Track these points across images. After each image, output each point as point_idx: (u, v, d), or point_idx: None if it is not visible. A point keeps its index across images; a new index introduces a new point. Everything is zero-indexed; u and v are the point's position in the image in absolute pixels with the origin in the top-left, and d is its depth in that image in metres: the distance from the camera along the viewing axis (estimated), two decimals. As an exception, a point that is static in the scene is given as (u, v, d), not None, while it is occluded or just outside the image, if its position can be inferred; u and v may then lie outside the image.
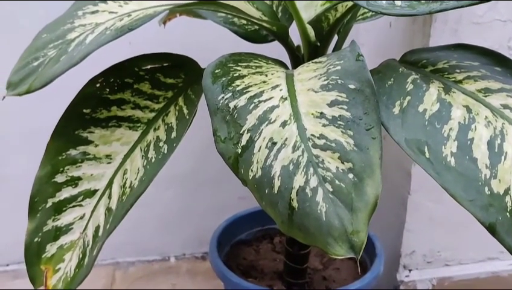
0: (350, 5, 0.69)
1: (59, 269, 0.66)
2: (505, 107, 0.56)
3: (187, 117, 0.67)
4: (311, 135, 0.51)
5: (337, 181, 0.48)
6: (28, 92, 0.64)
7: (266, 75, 0.60)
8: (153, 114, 0.70)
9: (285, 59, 0.73)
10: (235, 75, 0.59)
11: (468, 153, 0.53)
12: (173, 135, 0.66)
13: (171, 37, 0.92)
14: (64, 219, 0.67)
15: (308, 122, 0.52)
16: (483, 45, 0.66)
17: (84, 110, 0.69)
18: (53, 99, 0.81)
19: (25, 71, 0.66)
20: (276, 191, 0.49)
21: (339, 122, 0.51)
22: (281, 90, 0.56)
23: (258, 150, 0.51)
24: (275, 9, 0.82)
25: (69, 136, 0.69)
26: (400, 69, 0.63)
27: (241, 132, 0.53)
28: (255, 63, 0.63)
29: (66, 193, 0.68)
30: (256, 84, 0.57)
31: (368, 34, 1.08)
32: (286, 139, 0.51)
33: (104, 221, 0.65)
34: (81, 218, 0.67)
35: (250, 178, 0.51)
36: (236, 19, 0.81)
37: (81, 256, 0.65)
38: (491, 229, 0.50)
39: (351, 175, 0.49)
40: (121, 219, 0.63)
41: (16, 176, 1.11)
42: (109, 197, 0.66)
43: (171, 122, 0.68)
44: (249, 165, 0.52)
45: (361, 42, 1.06)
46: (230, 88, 0.57)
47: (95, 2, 0.71)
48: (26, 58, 0.68)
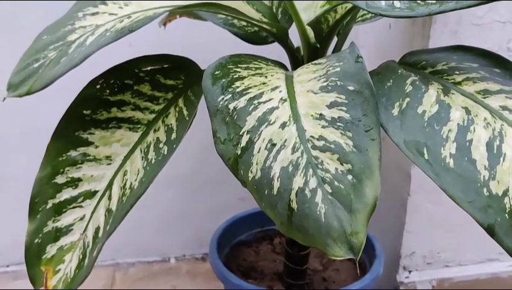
0: (349, 6, 0.69)
1: (59, 270, 0.66)
2: (504, 108, 0.56)
3: (187, 118, 0.67)
4: (311, 136, 0.51)
5: (336, 182, 0.48)
6: (28, 93, 0.64)
7: (266, 77, 0.60)
8: (153, 115, 0.70)
9: (285, 60, 0.74)
10: (234, 77, 0.59)
11: (467, 155, 0.53)
12: (173, 136, 0.66)
13: (171, 39, 0.92)
14: (65, 220, 0.67)
15: (308, 123, 0.52)
16: (483, 46, 0.66)
17: (85, 112, 0.69)
18: (53, 100, 0.81)
19: (25, 73, 0.66)
20: (275, 193, 0.49)
21: (338, 123, 0.51)
22: (280, 91, 0.57)
23: (258, 151, 0.52)
24: (274, 11, 0.82)
25: (70, 137, 0.69)
26: (399, 71, 0.63)
27: (240, 133, 0.53)
28: (255, 64, 0.63)
29: (66, 194, 0.68)
30: (255, 86, 0.58)
31: (368, 35, 1.08)
32: (285, 141, 0.51)
33: (104, 222, 0.65)
34: (81, 219, 0.67)
35: (249, 179, 0.51)
36: (236, 21, 0.81)
37: (81, 257, 0.65)
38: (490, 231, 0.50)
39: (350, 176, 0.49)
40: (121, 220, 0.63)
41: (16, 177, 1.11)
42: (109, 199, 0.66)
43: (171, 124, 0.68)
44: (248, 166, 0.52)
45: (361, 43, 1.06)
46: (230, 89, 0.57)
47: (95, 3, 0.71)
48: (26, 60, 0.68)
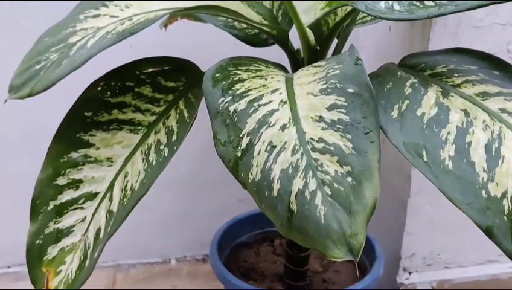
0: (349, 9, 0.70)
1: (60, 271, 0.66)
2: (503, 111, 0.56)
3: (187, 120, 0.67)
4: (310, 138, 0.51)
5: (335, 184, 0.49)
6: (30, 95, 0.64)
7: (266, 79, 0.60)
8: (154, 117, 0.70)
9: (285, 62, 0.74)
10: (235, 79, 0.59)
11: (466, 157, 0.53)
12: (174, 138, 0.67)
13: (172, 41, 0.92)
14: (66, 221, 0.68)
15: (307, 125, 0.52)
16: (483, 48, 0.66)
17: (86, 113, 0.70)
18: (55, 102, 0.81)
19: (27, 74, 0.66)
20: (275, 194, 0.50)
21: (337, 125, 0.52)
22: (280, 94, 0.57)
23: (258, 153, 0.52)
24: (275, 13, 0.82)
25: (71, 139, 0.69)
26: (399, 73, 0.64)
27: (241, 135, 0.53)
28: (255, 66, 0.63)
29: (67, 196, 0.68)
30: (256, 88, 0.58)
31: (368, 37, 1.08)
32: (285, 143, 0.51)
33: (105, 223, 0.65)
34: (83, 220, 0.68)
35: (249, 181, 0.52)
36: (236, 23, 0.82)
37: (82, 258, 0.65)
38: (489, 232, 0.50)
39: (349, 178, 0.49)
40: (122, 221, 0.63)
41: (17, 178, 1.11)
42: (110, 200, 0.67)
43: (171, 126, 0.68)
44: (248, 168, 0.52)
45: (361, 45, 1.07)
46: (230, 92, 0.57)
47: (96, 6, 0.71)
48: (28, 62, 0.68)
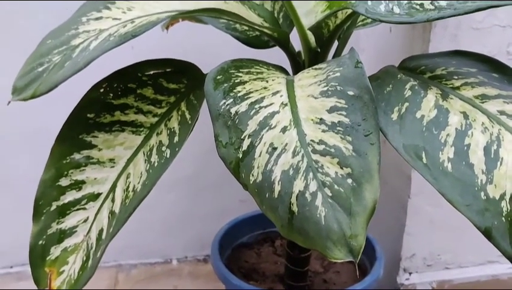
0: (350, 12, 0.70)
1: (63, 271, 0.66)
2: (502, 113, 0.57)
3: (189, 122, 0.68)
4: (311, 140, 0.52)
5: (336, 186, 0.49)
6: (33, 97, 0.64)
7: (267, 81, 0.61)
8: (156, 119, 0.70)
9: (286, 65, 0.74)
10: (236, 81, 0.59)
11: (465, 159, 0.54)
12: (176, 139, 0.67)
13: (174, 43, 0.92)
14: (68, 221, 0.68)
15: (308, 127, 0.53)
16: (483, 50, 0.67)
17: (88, 115, 0.70)
18: (58, 103, 0.82)
19: (30, 76, 0.67)
20: (276, 196, 0.50)
21: (338, 128, 0.52)
22: (281, 96, 0.57)
23: (259, 155, 0.52)
24: (276, 16, 0.83)
25: (73, 140, 0.70)
26: (399, 76, 0.64)
27: (242, 137, 0.54)
28: (256, 69, 0.64)
29: (70, 196, 0.69)
30: (257, 90, 0.58)
31: (368, 39, 1.08)
32: (286, 145, 0.52)
33: (108, 224, 0.66)
34: (85, 221, 0.68)
35: (251, 182, 0.52)
36: (238, 25, 0.82)
37: (84, 258, 0.66)
38: (487, 234, 0.51)
39: (349, 180, 0.49)
40: (124, 222, 0.63)
41: (20, 178, 1.12)
42: (112, 201, 0.67)
43: (173, 127, 0.68)
44: (249, 169, 0.52)
45: (362, 47, 1.07)
46: (231, 94, 0.57)
47: (99, 8, 0.72)
48: (31, 64, 0.68)
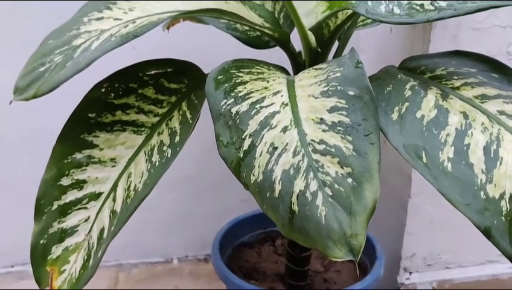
0: (350, 12, 0.70)
1: (64, 270, 0.67)
2: (501, 113, 0.57)
3: (190, 122, 0.68)
4: (312, 140, 0.52)
5: (336, 185, 0.49)
6: (34, 97, 0.64)
7: (268, 81, 0.61)
8: (157, 118, 0.70)
9: (287, 65, 0.74)
10: (237, 81, 0.60)
11: (465, 159, 0.54)
12: (177, 139, 0.67)
13: (175, 43, 0.93)
14: (70, 221, 0.68)
15: (309, 127, 0.53)
16: (483, 50, 0.67)
17: (90, 115, 0.70)
18: (59, 103, 0.82)
19: (31, 76, 0.67)
20: (277, 195, 0.50)
21: (338, 127, 0.52)
22: (282, 96, 0.57)
23: (260, 155, 0.53)
24: (276, 16, 0.83)
25: (75, 140, 0.70)
26: (399, 76, 0.64)
27: (243, 137, 0.54)
28: (257, 69, 0.64)
29: (71, 196, 0.69)
30: (257, 90, 0.58)
31: (369, 39, 1.08)
32: (287, 144, 0.52)
33: (109, 223, 0.66)
34: (86, 220, 0.68)
35: (251, 182, 0.52)
36: (238, 25, 0.82)
37: (86, 258, 0.66)
38: (487, 233, 0.51)
39: (350, 179, 0.50)
40: (125, 221, 0.63)
41: (21, 178, 1.12)
42: (114, 200, 0.67)
43: (174, 127, 0.69)
44: (250, 169, 0.53)
45: (362, 48, 1.07)
46: (232, 94, 0.58)
47: (100, 8, 0.72)
48: (32, 64, 0.69)
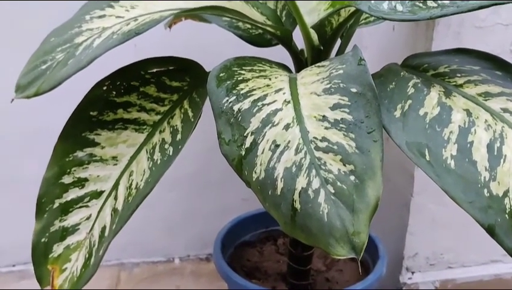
0: (353, 10, 0.70)
1: (66, 268, 0.67)
2: (505, 110, 0.57)
3: (192, 120, 0.68)
4: (314, 137, 0.52)
5: (338, 183, 0.49)
6: (36, 94, 0.64)
7: (270, 79, 0.61)
8: (159, 117, 0.70)
9: (289, 63, 0.74)
10: (239, 79, 0.59)
11: (468, 156, 0.54)
12: (178, 137, 0.67)
13: (176, 41, 0.92)
14: (71, 219, 0.68)
15: (311, 125, 0.53)
16: (485, 48, 0.66)
17: (91, 113, 0.70)
18: (60, 101, 0.82)
19: (33, 74, 0.67)
20: (279, 193, 0.50)
21: (341, 125, 0.52)
22: (284, 93, 0.57)
23: (262, 152, 0.52)
24: (279, 14, 0.83)
25: (76, 138, 0.70)
26: (402, 73, 0.64)
27: (245, 135, 0.54)
28: (259, 66, 0.64)
29: (72, 194, 0.69)
30: (260, 88, 0.58)
31: (371, 37, 1.08)
32: (289, 142, 0.52)
33: (110, 222, 0.66)
34: (88, 219, 0.68)
35: (253, 180, 0.52)
36: (240, 23, 0.82)
37: (87, 256, 0.66)
38: (490, 231, 0.51)
39: (352, 177, 0.49)
40: (127, 219, 0.63)
41: (22, 177, 1.12)
42: (115, 198, 0.67)
43: (176, 125, 0.68)
44: (252, 167, 0.52)
45: (365, 45, 1.07)
46: (234, 91, 0.57)
47: (102, 6, 0.72)
48: (34, 62, 0.69)
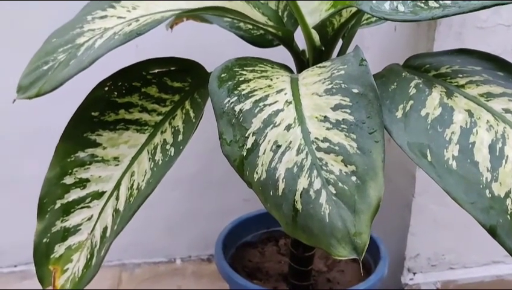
0: (354, 10, 0.70)
1: (67, 269, 0.67)
2: (507, 111, 0.57)
3: (193, 120, 0.68)
4: (315, 138, 0.52)
5: (340, 183, 0.49)
6: (37, 95, 0.64)
7: (271, 79, 0.61)
8: (160, 117, 0.70)
9: (290, 63, 0.74)
10: (240, 79, 0.59)
11: (470, 157, 0.54)
12: (180, 137, 0.67)
13: (178, 41, 0.92)
14: (73, 220, 0.68)
15: (312, 125, 0.53)
16: (487, 49, 0.66)
17: (93, 113, 0.70)
18: (62, 102, 0.82)
19: (35, 74, 0.67)
20: (280, 193, 0.50)
21: (342, 125, 0.52)
22: (285, 94, 0.57)
23: (263, 153, 0.52)
24: (280, 15, 0.83)
25: (78, 138, 0.70)
26: (403, 74, 0.64)
27: (246, 135, 0.54)
28: (260, 67, 0.64)
29: (74, 195, 0.69)
30: (261, 88, 0.58)
31: (373, 37, 1.08)
32: (290, 142, 0.52)
33: (112, 222, 0.66)
34: (89, 219, 0.68)
35: (255, 180, 0.52)
36: (242, 24, 0.82)
37: (88, 256, 0.66)
38: (492, 232, 0.50)
39: (354, 178, 0.49)
40: (129, 220, 0.63)
41: (24, 177, 1.12)
42: (117, 199, 0.67)
43: (177, 126, 0.69)
44: (254, 167, 0.52)
45: (367, 46, 1.07)
46: (235, 92, 0.57)
47: (103, 7, 0.72)
48: (36, 62, 0.69)
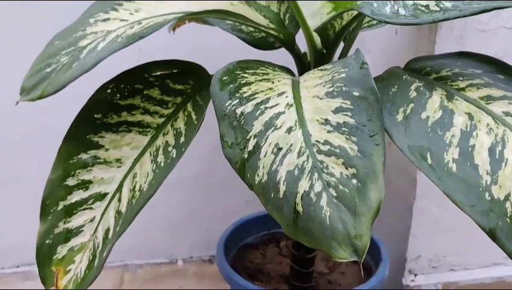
0: (355, 13, 0.70)
1: (69, 270, 0.67)
2: (507, 114, 0.57)
3: (195, 122, 0.68)
4: (316, 140, 0.52)
5: (341, 186, 0.49)
6: (40, 97, 0.65)
7: (273, 82, 0.61)
8: (162, 119, 0.71)
9: (292, 66, 0.75)
10: (242, 82, 0.60)
11: (470, 160, 0.54)
12: (182, 139, 0.67)
13: (180, 44, 0.93)
14: (75, 221, 0.69)
15: (313, 128, 0.53)
16: (488, 52, 0.66)
17: (95, 115, 0.71)
18: (65, 104, 0.82)
19: (38, 77, 0.67)
20: (281, 196, 0.50)
21: (343, 128, 0.52)
22: (286, 97, 0.58)
23: (264, 155, 0.53)
24: (282, 17, 0.83)
25: (81, 140, 0.70)
26: (404, 77, 0.64)
27: (247, 138, 0.54)
28: (262, 70, 0.64)
29: (77, 196, 0.69)
30: (262, 91, 0.59)
31: (374, 40, 1.08)
32: (291, 145, 0.52)
33: (114, 223, 0.66)
34: (92, 221, 0.68)
35: (256, 182, 0.52)
36: (244, 27, 0.82)
37: (91, 258, 0.66)
38: (492, 234, 0.51)
39: (354, 180, 0.50)
40: (131, 221, 0.64)
41: (27, 179, 1.13)
42: (119, 200, 0.67)
43: (179, 128, 0.69)
44: (255, 169, 0.53)
45: (368, 49, 1.07)
46: (237, 95, 0.58)
47: (106, 9, 0.72)
48: (39, 64, 0.69)
